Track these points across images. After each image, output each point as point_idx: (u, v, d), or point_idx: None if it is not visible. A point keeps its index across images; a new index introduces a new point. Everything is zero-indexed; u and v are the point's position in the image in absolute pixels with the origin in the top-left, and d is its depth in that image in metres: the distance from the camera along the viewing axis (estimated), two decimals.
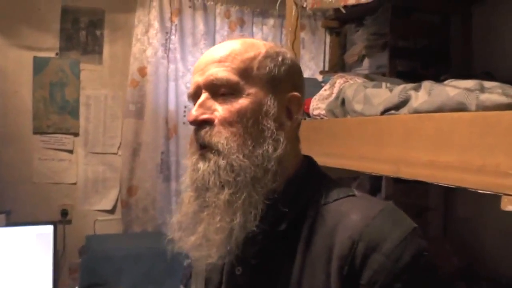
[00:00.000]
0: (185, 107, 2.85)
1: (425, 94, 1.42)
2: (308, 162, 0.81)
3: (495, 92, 1.25)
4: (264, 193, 0.70)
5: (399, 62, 2.78)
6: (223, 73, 0.73)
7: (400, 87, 1.56)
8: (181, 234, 0.75)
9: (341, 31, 3.37)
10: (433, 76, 1.76)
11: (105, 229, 2.68)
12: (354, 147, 1.89)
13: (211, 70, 0.74)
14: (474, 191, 1.25)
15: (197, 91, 0.77)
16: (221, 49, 0.76)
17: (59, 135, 2.62)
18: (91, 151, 2.70)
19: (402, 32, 2.78)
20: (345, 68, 3.24)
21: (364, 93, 1.87)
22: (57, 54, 2.61)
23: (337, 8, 2.21)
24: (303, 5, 2.20)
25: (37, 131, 2.59)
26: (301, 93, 0.80)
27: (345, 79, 2.35)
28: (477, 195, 1.13)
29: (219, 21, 2.95)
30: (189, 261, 0.93)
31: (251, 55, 0.75)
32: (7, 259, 1.91)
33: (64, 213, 2.61)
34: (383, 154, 1.48)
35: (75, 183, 2.67)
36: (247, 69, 0.74)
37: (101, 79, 2.71)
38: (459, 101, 1.35)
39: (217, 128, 0.72)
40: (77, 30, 2.64)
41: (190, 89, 0.79)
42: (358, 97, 1.90)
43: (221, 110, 0.73)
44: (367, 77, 2.41)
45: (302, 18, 3.18)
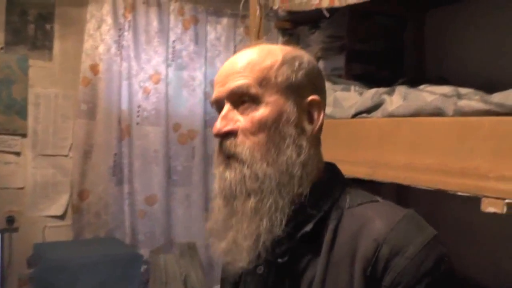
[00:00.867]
0: (139, 106, 2.79)
1: (400, 98, 1.48)
2: (330, 166, 0.84)
3: (473, 98, 1.33)
4: (290, 198, 0.74)
5: (355, 65, 2.89)
6: (242, 84, 0.76)
7: (372, 91, 1.61)
8: (213, 240, 0.79)
9: (294, 33, 3.45)
10: (387, 79, 1.83)
11: (55, 236, 2.57)
12: (324, 149, 1.95)
13: (232, 81, 0.77)
14: (453, 193, 1.34)
15: (219, 102, 0.79)
16: (240, 60, 0.79)
17: (5, 136, 2.49)
18: (40, 154, 2.58)
19: (359, 35, 2.88)
20: None
21: (333, 96, 1.93)
22: (2, 48, 2.47)
23: (289, 10, 2.27)
24: (271, 7, 2.22)
25: None
26: (322, 95, 0.83)
27: None
28: (430, 192, 1.19)
29: (173, 18, 2.92)
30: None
31: (268, 64, 0.78)
32: None
33: (10, 220, 2.49)
34: (358, 156, 1.52)
35: (23, 188, 2.55)
36: (265, 78, 0.76)
37: (51, 77, 2.60)
38: (436, 106, 1.42)
39: (241, 138, 0.76)
40: (25, 23, 2.51)
41: (212, 99, 0.81)
42: (327, 100, 1.95)
43: (243, 120, 0.76)
44: (329, 80, 2.49)
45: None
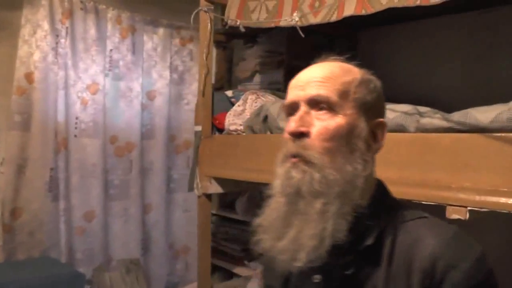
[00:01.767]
0: (76, 118, 2.69)
1: None
2: (381, 183, 0.90)
3: (434, 117, 1.50)
4: (352, 207, 0.79)
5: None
6: (325, 91, 0.81)
7: None
8: (268, 237, 0.81)
9: (228, 46, 3.54)
10: None
11: None
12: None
13: (313, 87, 0.82)
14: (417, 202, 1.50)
15: (294, 105, 0.84)
16: (322, 70, 0.85)
17: None
18: None
19: (296, 51, 3.06)
20: (231, 82, 3.41)
21: None
22: None
23: (225, 23, 2.36)
24: (225, 20, 2.28)
25: None
26: (383, 115, 0.90)
27: (257, 95, 2.51)
28: None
29: (110, 26, 2.86)
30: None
31: (349, 79, 0.84)
32: None
33: None
34: None
35: None
36: (345, 92, 0.82)
37: None
38: (398, 123, 1.59)
39: (313, 141, 0.80)
40: None
41: (286, 101, 0.85)
42: (283, 115, 2.06)
43: (318, 125, 0.81)
44: (275, 94, 2.61)
45: (189, 30, 3.27)
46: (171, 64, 3.19)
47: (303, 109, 0.83)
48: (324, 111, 0.82)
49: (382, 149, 0.88)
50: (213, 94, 2.49)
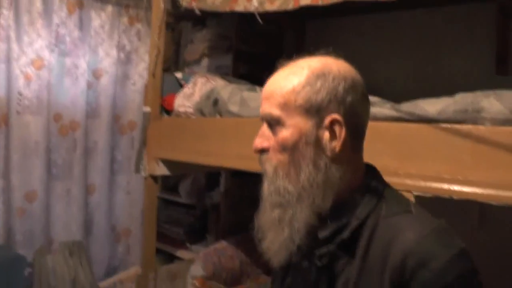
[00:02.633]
0: (20, 94, 2.64)
1: None
2: (370, 173, 0.93)
3: (384, 106, 1.61)
4: (311, 210, 0.85)
5: (242, 64, 3.14)
6: (269, 108, 0.87)
7: None
8: (259, 237, 0.91)
9: (176, 27, 3.55)
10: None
11: None
12: (229, 146, 2.10)
13: (265, 105, 0.89)
14: None
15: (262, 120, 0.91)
16: (271, 84, 0.89)
17: None
18: None
19: (245, 37, 3.14)
20: (178, 64, 3.44)
21: (240, 96, 2.12)
22: None
23: (180, 5, 2.40)
24: (180, 2, 2.31)
25: None
26: (352, 108, 0.86)
27: (207, 79, 2.58)
28: None
29: (57, 0, 2.81)
30: None
31: (290, 88, 0.85)
32: None
33: None
34: None
35: None
36: (286, 103, 0.85)
37: None
38: None
39: (270, 155, 0.88)
40: None
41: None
42: (234, 99, 2.13)
43: (272, 139, 0.88)
44: (224, 78, 2.68)
45: (138, 9, 3.27)
46: (118, 43, 3.15)
47: (264, 125, 0.90)
48: (274, 125, 0.87)
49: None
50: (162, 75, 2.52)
